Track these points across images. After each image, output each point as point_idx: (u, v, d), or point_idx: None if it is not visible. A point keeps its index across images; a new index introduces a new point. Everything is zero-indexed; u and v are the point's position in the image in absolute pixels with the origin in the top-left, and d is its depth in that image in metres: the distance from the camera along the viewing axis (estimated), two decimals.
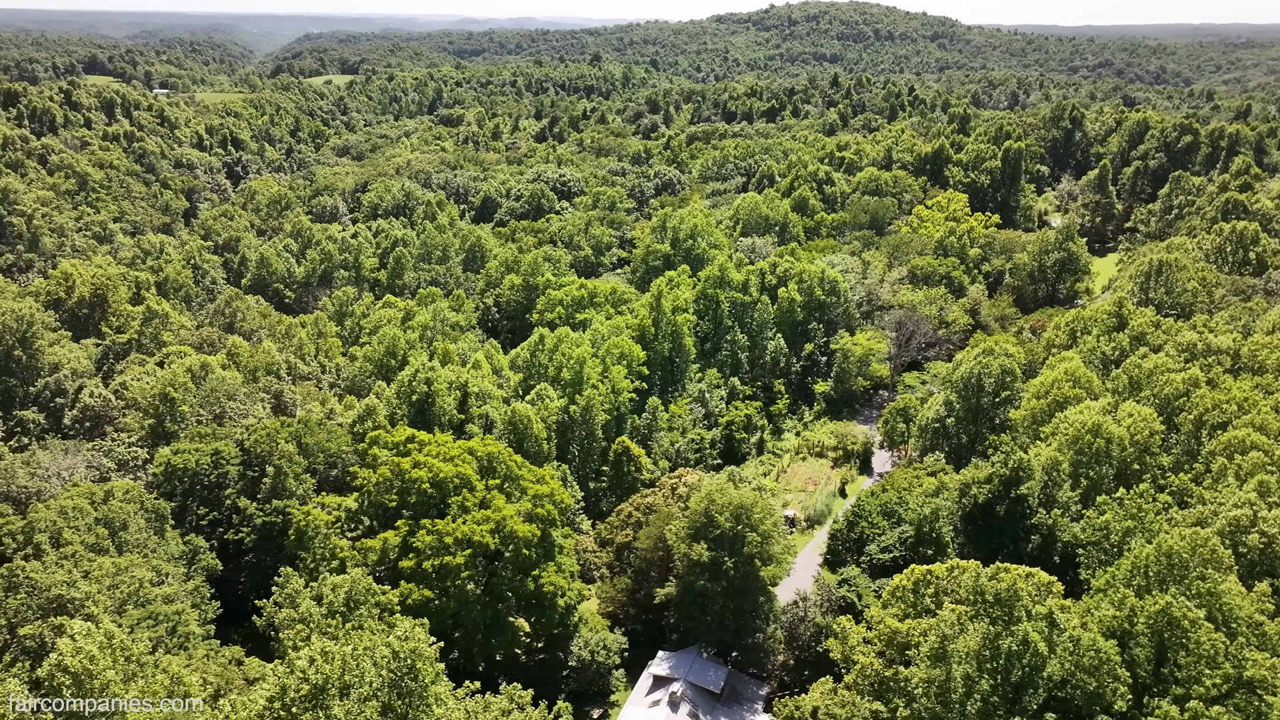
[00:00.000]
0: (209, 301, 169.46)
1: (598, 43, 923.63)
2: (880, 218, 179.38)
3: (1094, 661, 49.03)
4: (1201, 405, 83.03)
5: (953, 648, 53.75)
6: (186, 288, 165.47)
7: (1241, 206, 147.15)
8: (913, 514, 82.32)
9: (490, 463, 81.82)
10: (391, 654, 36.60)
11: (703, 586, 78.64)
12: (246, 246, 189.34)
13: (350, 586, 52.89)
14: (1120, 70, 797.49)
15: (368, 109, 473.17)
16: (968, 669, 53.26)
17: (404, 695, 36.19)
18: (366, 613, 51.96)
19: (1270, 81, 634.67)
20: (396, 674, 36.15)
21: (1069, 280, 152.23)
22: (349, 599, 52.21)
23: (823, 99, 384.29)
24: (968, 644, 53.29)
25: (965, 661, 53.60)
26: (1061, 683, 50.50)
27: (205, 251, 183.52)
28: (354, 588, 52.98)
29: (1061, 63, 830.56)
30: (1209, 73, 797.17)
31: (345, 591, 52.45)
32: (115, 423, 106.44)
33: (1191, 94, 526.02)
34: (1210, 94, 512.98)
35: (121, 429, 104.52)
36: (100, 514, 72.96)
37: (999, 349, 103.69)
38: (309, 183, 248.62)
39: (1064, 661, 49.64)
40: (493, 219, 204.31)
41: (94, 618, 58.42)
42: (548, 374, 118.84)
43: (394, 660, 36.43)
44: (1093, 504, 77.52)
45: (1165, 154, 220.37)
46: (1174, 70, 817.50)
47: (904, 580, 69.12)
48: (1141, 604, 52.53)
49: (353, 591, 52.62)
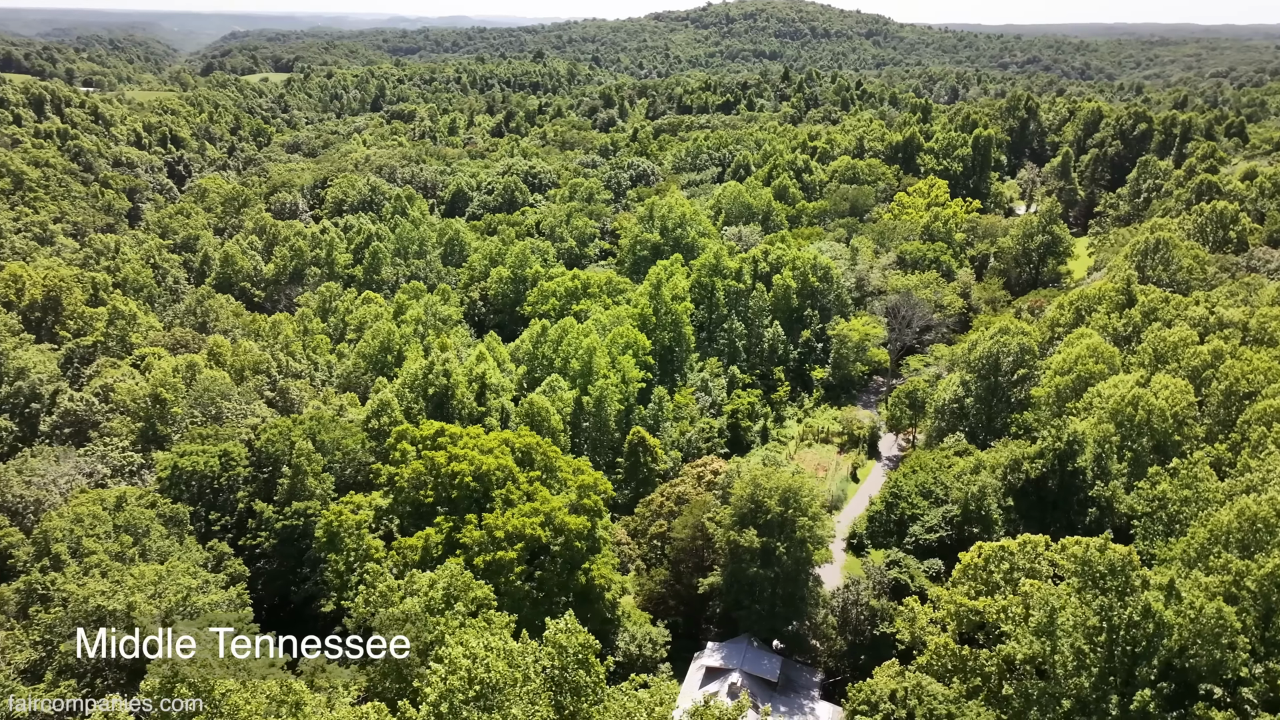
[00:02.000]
0: (173, 302, 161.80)
1: (536, 41, 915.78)
2: (860, 205, 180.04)
3: (1215, 629, 48.31)
4: (1231, 375, 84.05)
5: (1060, 620, 52.60)
6: (149, 288, 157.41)
7: (1215, 187, 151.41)
8: (958, 492, 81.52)
9: (529, 454, 78.51)
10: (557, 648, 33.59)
11: (755, 574, 76.59)
12: (208, 245, 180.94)
13: (450, 581, 49.26)
14: (1048, 66, 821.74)
15: (308, 106, 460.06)
16: (1077, 641, 52.21)
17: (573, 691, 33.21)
18: (463, 608, 48.46)
19: (1190, 76, 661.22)
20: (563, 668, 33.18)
21: (1052, 262, 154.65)
22: (448, 594, 48.64)
23: (775, 93, 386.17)
24: (1077, 616, 52.24)
25: (1073, 634, 52.55)
26: (1179, 651, 49.73)
27: (164, 250, 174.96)
28: (453, 582, 49.37)
29: (992, 59, 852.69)
30: (1129, 69, 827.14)
31: (444, 586, 48.82)
32: (100, 428, 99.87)
33: (1121, 88, 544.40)
34: (1139, 88, 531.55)
35: (107, 434, 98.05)
36: (120, 521, 67.61)
37: (1014, 327, 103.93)
38: (263, 180, 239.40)
39: (1183, 630, 48.84)
40: (464, 213, 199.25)
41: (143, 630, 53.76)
42: (554, 365, 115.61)
43: (560, 655, 33.45)
44: (1139, 476, 77.69)
45: (1121, 141, 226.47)
46: (1098, 66, 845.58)
47: (973, 558, 68.11)
48: (1249, 567, 52.10)
49: (451, 586, 49.02)
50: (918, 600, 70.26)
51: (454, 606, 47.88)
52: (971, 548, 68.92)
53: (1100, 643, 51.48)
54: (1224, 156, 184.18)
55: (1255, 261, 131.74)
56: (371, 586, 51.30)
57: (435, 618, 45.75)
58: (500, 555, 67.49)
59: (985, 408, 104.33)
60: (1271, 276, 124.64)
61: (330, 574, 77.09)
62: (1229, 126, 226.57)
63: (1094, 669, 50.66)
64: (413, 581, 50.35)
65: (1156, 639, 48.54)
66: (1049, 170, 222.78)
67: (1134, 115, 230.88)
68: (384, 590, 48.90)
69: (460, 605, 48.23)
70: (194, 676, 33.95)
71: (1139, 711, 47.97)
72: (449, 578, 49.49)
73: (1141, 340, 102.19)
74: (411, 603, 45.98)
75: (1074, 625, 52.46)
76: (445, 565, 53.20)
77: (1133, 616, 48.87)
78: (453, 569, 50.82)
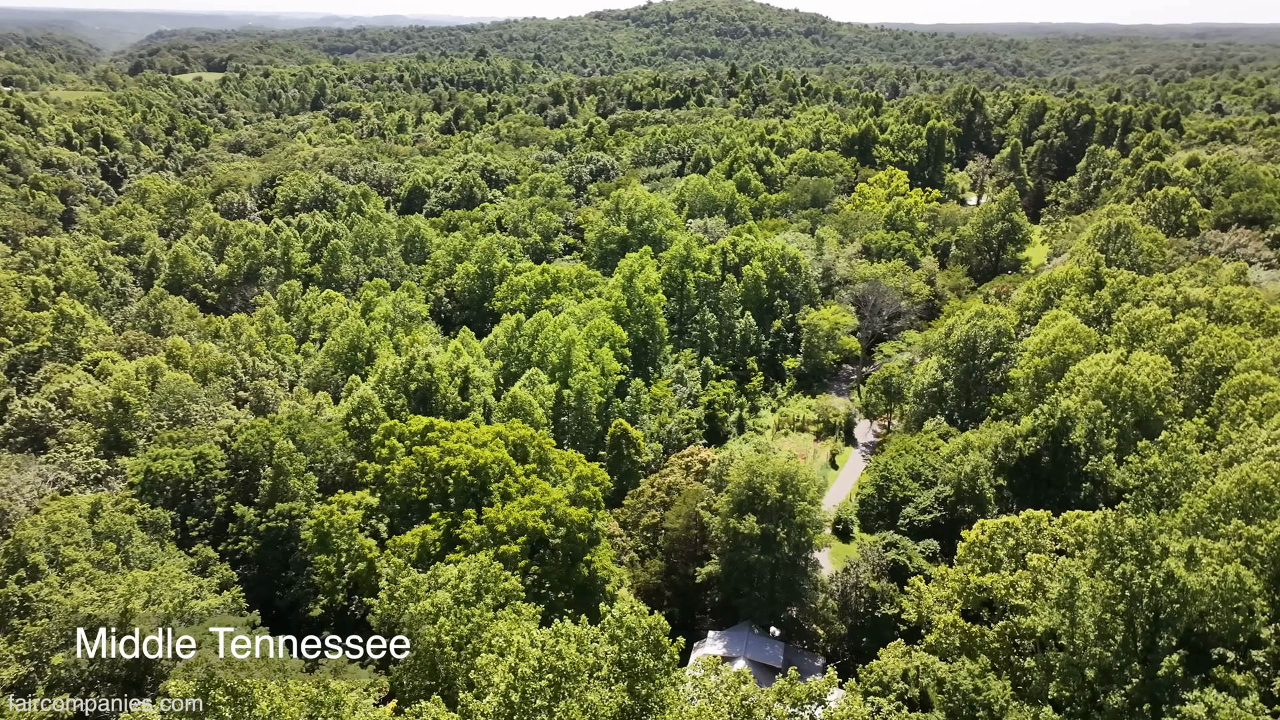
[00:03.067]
0: (121, 305, 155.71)
1: (476, 40, 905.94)
2: (821, 196, 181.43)
3: (1235, 592, 49.16)
4: (1206, 350, 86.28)
5: (1081, 590, 53.02)
6: (94, 291, 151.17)
7: (1164, 174, 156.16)
8: (950, 473, 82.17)
9: (523, 447, 76.81)
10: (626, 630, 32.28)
11: (755, 560, 76.12)
12: (155, 246, 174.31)
13: (480, 572, 47.44)
14: (981, 63, 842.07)
15: (246, 106, 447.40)
16: (1096, 612, 52.66)
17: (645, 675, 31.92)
18: (492, 600, 46.75)
19: (1116, 73, 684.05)
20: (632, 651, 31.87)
21: (1011, 249, 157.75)
22: (478, 586, 46.82)
23: (723, 89, 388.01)
24: (1096, 587, 52.70)
25: (1092, 604, 53.02)
26: (1199, 617, 50.49)
27: (108, 252, 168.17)
28: (484, 573, 47.57)
29: (927, 57, 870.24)
30: (1058, 66, 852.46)
31: (474, 578, 46.98)
32: (58, 435, 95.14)
33: (1054, 84, 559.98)
34: (1071, 84, 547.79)
35: (67, 440, 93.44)
36: (100, 527, 64.15)
37: (990, 311, 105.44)
38: (207, 179, 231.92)
39: (1205, 595, 49.59)
40: (422, 209, 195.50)
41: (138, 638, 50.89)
42: (531, 360, 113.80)
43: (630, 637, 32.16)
44: (1124, 451, 79.19)
45: (1066, 132, 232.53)
46: (1028, 63, 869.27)
47: (978, 535, 68.60)
48: (1260, 532, 53.18)
49: (482, 577, 47.21)
50: (922, 580, 70.50)
51: (484, 599, 46.15)
52: (975, 525, 69.42)
53: (1120, 612, 51.99)
54: (1168, 145, 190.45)
55: (1207, 244, 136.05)
56: (394, 582, 49.26)
57: (468, 609, 43.99)
58: (504, 550, 65.77)
59: (963, 391, 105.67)
60: (1224, 259, 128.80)
61: (319, 576, 74.55)
62: (1165, 118, 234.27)
63: (1116, 638, 51.15)
64: (437, 575, 48.45)
65: (1181, 605, 49.15)
66: (999, 161, 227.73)
67: (1077, 107, 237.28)
68: (409, 585, 46.93)
69: (489, 597, 46.56)
70: (230, 679, 31.82)
71: (1166, 677, 48.53)
72: (479, 569, 47.76)
73: (1113, 320, 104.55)
74: (442, 595, 44.16)
75: (1093, 596, 52.90)
76: (475, 556, 51.42)
77: (1156, 583, 49.40)
78: (482, 560, 49.09)
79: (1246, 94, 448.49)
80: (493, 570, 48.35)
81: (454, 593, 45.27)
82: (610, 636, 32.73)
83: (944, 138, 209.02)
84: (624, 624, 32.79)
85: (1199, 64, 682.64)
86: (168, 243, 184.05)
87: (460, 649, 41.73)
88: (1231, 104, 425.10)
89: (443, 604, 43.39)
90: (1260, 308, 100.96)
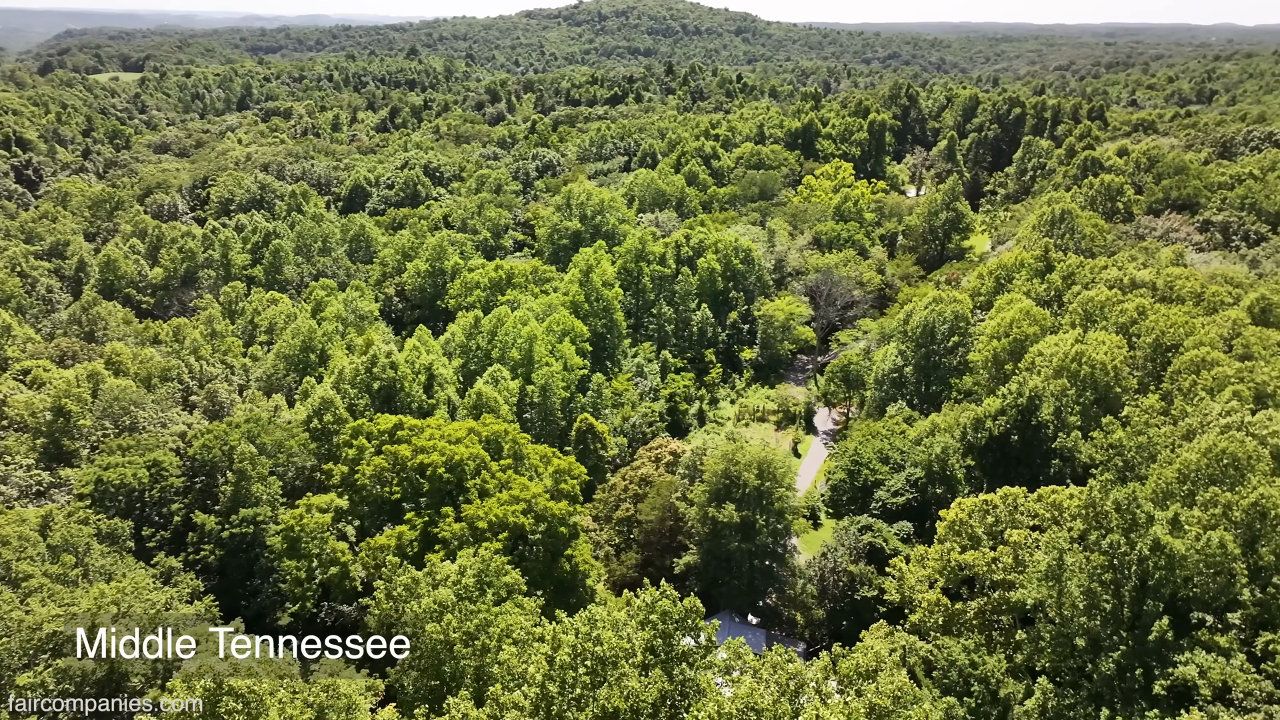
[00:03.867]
0: (49, 312, 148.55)
1: (406, 39, 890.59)
2: (768, 189, 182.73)
3: (1219, 558, 50.57)
4: (1157, 329, 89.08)
5: (1069, 562, 53.98)
6: (18, 298, 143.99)
7: (1098, 163, 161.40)
8: (921, 455, 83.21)
9: (498, 442, 75.23)
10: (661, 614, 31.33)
11: (736, 548, 75.95)
12: (83, 250, 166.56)
13: (482, 566, 45.86)
14: (907, 61, 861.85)
15: (168, 106, 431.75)
16: (1084, 581, 53.66)
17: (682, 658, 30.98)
18: (494, 595, 45.30)
19: (1036, 69, 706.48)
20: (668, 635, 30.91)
21: (956, 238, 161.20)
22: (480, 581, 45.26)
23: (660, 86, 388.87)
24: (1087, 558, 53.70)
25: (1080, 574, 54.02)
26: (1184, 582, 51.80)
27: (31, 258, 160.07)
28: (486, 567, 45.99)
29: (855, 55, 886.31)
30: (980, 63, 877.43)
31: (475, 573, 45.39)
32: None
33: (979, 80, 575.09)
34: (995, 80, 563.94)
35: (2, 453, 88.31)
36: (55, 540, 60.64)
37: (948, 296, 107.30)
38: (134, 181, 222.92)
39: (1191, 561, 50.89)
40: (365, 208, 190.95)
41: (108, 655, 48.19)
42: (491, 356, 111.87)
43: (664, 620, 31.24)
44: (1087, 428, 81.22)
45: (999, 125, 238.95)
46: (952, 61, 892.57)
47: (957, 514, 69.50)
48: (1235, 499, 54.85)
49: (484, 572, 45.66)
50: (904, 560, 71.17)
51: (486, 594, 44.71)
52: (953, 504, 70.35)
53: (1108, 581, 53.09)
54: (1099, 136, 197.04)
55: (1142, 230, 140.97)
56: (390, 581, 47.35)
57: (472, 605, 42.47)
58: (485, 547, 64.14)
59: (923, 376, 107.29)
60: (1159, 243, 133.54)
61: (288, 583, 71.89)
62: (1090, 110, 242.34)
63: (1105, 606, 52.19)
64: (435, 572, 46.72)
65: (1168, 571, 50.35)
66: (936, 154, 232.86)
67: (1009, 101, 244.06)
68: (407, 583, 45.14)
69: (491, 592, 45.11)
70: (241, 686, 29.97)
71: (1156, 642, 49.66)
72: (480, 563, 46.24)
73: (1064, 303, 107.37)
74: (445, 592, 42.54)
75: (1080, 567, 53.91)
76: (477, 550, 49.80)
77: (1143, 551, 50.52)
78: (484, 555, 47.56)
79: (1158, 89, 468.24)
80: (495, 564, 46.94)
81: (456, 589, 43.73)
82: (641, 621, 31.82)
83: (884, 131, 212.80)
84: (657, 608, 31.97)
85: (1112, 61, 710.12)
86: (95, 247, 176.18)
87: (468, 645, 40.26)
88: (1145, 98, 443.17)
89: (446, 600, 41.85)
90: (1200, 288, 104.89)
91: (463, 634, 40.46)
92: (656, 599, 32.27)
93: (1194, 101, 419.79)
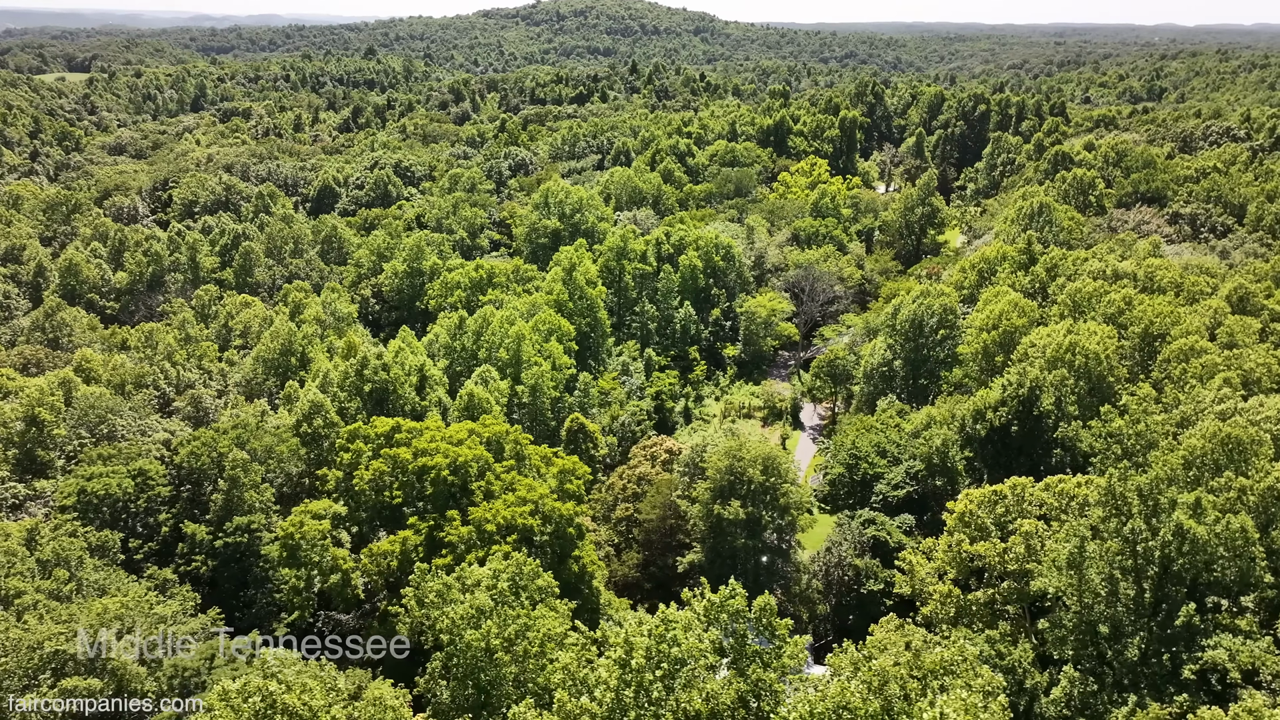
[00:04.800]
0: (6, 319, 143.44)
1: (361, 39, 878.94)
2: (744, 186, 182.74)
3: (1240, 542, 50.99)
4: (1145, 319, 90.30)
5: (1090, 550, 54.09)
6: None
7: (1068, 158, 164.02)
8: (921, 448, 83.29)
9: (499, 443, 73.73)
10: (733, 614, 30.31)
11: (742, 545, 75.32)
12: (40, 255, 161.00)
13: (516, 570, 44.39)
14: (864, 60, 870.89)
15: (119, 108, 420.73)
16: (1105, 569, 53.82)
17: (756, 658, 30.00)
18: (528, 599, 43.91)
19: (990, 68, 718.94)
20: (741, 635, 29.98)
21: (931, 233, 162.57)
22: (514, 584, 43.82)
23: (625, 85, 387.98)
24: (1106, 545, 53.85)
25: (1100, 561, 54.18)
26: (1205, 566, 52.18)
27: None
28: (520, 571, 44.54)
29: (813, 54, 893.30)
30: (935, 62, 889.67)
31: (510, 576, 43.93)
32: None
33: (936, 78, 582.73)
34: (952, 78, 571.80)
35: None
36: (46, 555, 57.99)
37: (934, 290, 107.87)
38: (90, 184, 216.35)
39: (1212, 545, 51.26)
40: (334, 209, 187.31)
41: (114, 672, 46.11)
42: (477, 356, 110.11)
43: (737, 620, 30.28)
44: (1085, 417, 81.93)
45: (964, 121, 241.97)
46: (907, 60, 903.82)
47: (966, 505, 69.53)
48: (1250, 483, 55.43)
49: (518, 576, 44.21)
50: (912, 552, 71.03)
51: (520, 597, 43.33)
52: (960, 496, 70.39)
53: (1129, 568, 53.29)
54: (1066, 131, 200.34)
55: (1115, 223, 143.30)
56: (420, 586, 45.70)
57: (510, 610, 41.08)
58: (494, 550, 62.71)
59: (912, 369, 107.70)
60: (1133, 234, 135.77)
61: (285, 592, 69.77)
62: (1053, 107, 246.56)
63: (1129, 594, 52.38)
64: (464, 577, 45.18)
65: (1191, 557, 50.64)
66: (905, 150, 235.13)
67: (974, 98, 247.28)
68: (439, 589, 43.55)
69: (525, 595, 43.74)
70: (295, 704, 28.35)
71: (1183, 627, 49.92)
72: (514, 566, 44.82)
73: (1048, 295, 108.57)
74: (482, 597, 41.09)
75: (1101, 554, 54.06)
76: (512, 556, 48.36)
77: (1166, 537, 50.75)
78: (517, 558, 46.13)
79: (1110, 86, 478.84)
80: (529, 567, 45.53)
81: (492, 593, 42.28)
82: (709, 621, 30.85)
83: (855, 128, 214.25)
84: (728, 607, 31.00)
85: (1063, 60, 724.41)
86: (53, 251, 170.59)
87: (508, 651, 38.82)
88: (1098, 96, 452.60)
89: (484, 605, 40.39)
90: (1179, 278, 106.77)
91: (503, 640, 39.08)
92: (726, 598, 31.38)
93: (1145, 98, 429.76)
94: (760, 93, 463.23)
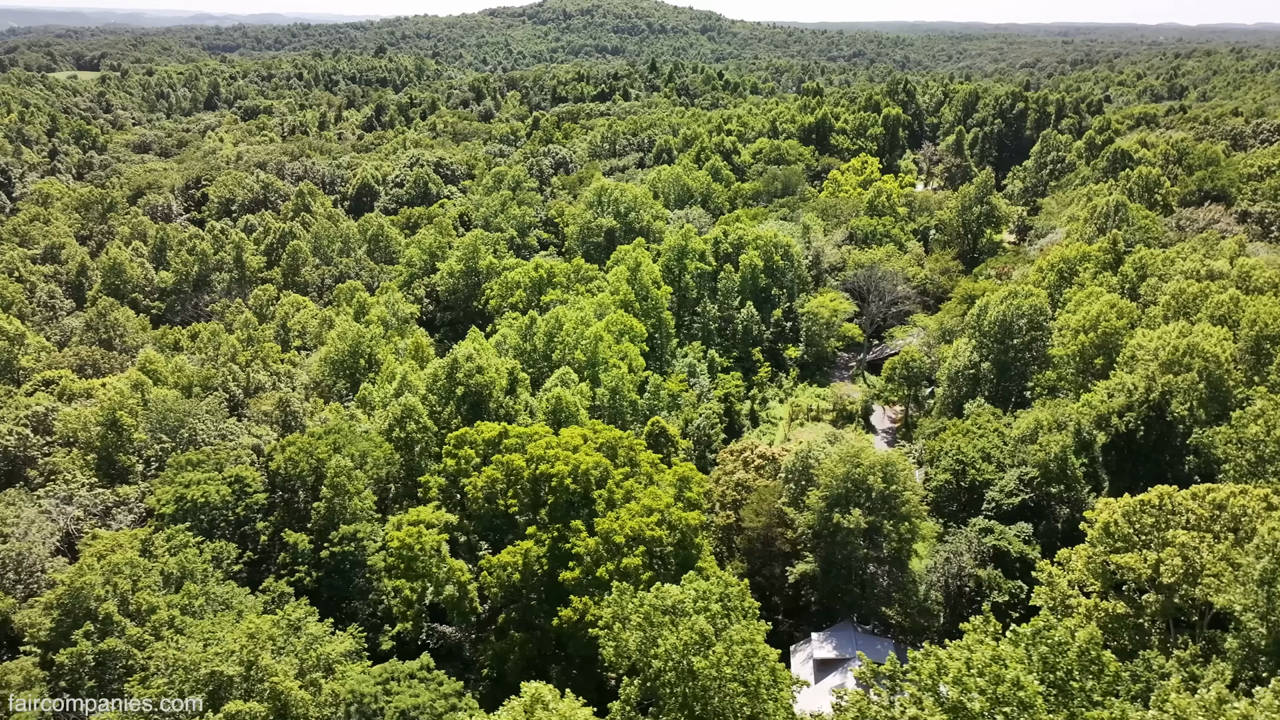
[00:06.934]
0: (51, 319, 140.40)
1: (367, 38, 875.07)
2: (791, 184, 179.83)
3: None
4: (1261, 320, 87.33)
5: None
6: (19, 304, 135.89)
7: (1129, 156, 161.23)
8: (1037, 454, 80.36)
9: (613, 450, 70.84)
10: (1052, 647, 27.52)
11: (863, 555, 72.49)
12: (81, 254, 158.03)
13: (724, 589, 41.46)
14: (872, 59, 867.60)
15: (133, 105, 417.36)
16: None
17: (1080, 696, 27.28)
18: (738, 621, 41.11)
19: (1003, 67, 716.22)
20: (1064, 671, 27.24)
21: (989, 232, 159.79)
22: (724, 604, 40.93)
23: (645, 83, 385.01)
24: None
25: None
26: None
27: (29, 262, 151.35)
28: (729, 590, 41.63)
29: (821, 53, 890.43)
30: (943, 61, 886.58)
31: (718, 595, 41.03)
32: (38, 464, 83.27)
33: (951, 77, 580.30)
34: (968, 76, 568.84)
35: (49, 470, 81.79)
36: (169, 567, 55.06)
37: (1023, 290, 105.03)
38: (120, 182, 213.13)
39: None
40: (373, 207, 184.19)
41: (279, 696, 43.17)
42: (552, 358, 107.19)
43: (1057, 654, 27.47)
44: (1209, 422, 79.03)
45: (1002, 120, 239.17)
46: (915, 59, 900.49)
47: (1108, 515, 66.65)
48: None
49: (726, 595, 41.30)
50: (1049, 564, 68.15)
51: (730, 619, 40.49)
52: (1099, 505, 67.50)
53: None
54: (1119, 129, 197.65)
55: (1183, 222, 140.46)
56: (619, 606, 42.73)
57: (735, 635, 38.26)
58: (626, 563, 59.84)
59: (1000, 372, 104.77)
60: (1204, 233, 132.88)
61: (398, 604, 66.84)
62: (1090, 105, 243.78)
63: None
64: (663, 598, 42.15)
65: None
66: (944, 148, 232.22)
67: (1012, 95, 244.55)
68: (647, 613, 40.60)
69: (735, 617, 40.87)
70: None
71: None
72: (722, 586, 41.99)
73: (1138, 295, 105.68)
74: (701, 621, 38.23)
75: None
76: (718, 572, 45.52)
77: None
78: (725, 576, 43.29)
79: (1130, 85, 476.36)
80: (736, 588, 42.65)
81: (706, 617, 39.40)
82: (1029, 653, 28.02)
83: (898, 125, 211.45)
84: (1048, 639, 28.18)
85: (1075, 59, 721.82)
86: (90, 250, 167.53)
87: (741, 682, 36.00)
88: (1118, 95, 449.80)
89: (706, 631, 37.49)
90: (1277, 278, 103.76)
91: (734, 668, 36.25)
92: (1039, 629, 28.59)
93: (1166, 97, 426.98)
94: (778, 91, 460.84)
